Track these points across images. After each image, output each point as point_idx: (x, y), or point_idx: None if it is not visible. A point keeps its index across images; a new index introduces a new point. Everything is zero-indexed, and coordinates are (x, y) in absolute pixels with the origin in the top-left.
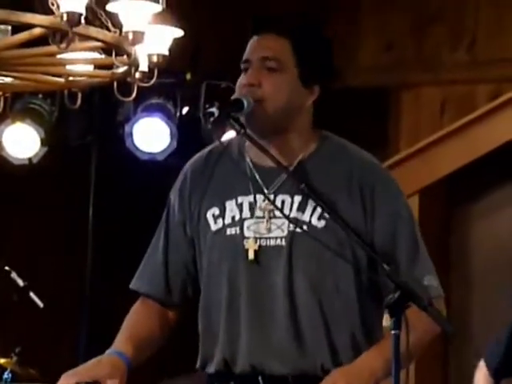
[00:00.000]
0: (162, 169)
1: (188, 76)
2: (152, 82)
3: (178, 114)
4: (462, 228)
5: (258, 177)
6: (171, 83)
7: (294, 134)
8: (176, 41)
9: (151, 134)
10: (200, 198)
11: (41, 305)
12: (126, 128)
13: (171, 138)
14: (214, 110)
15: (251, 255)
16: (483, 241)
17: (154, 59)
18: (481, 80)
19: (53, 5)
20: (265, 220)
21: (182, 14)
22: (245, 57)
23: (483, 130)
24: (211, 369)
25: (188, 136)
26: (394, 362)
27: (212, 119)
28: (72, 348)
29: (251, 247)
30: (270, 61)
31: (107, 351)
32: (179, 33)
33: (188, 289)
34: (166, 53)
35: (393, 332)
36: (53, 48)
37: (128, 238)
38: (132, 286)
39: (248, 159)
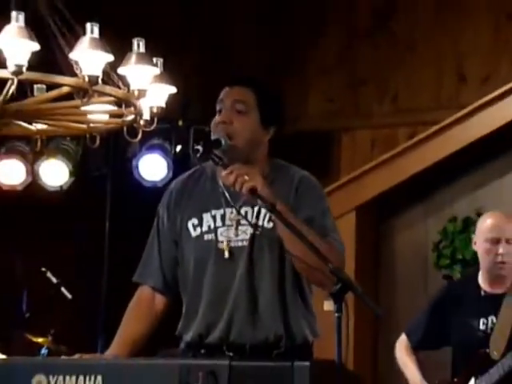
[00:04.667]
0: (161, 194)
1: (180, 122)
2: (153, 127)
3: (173, 151)
4: (389, 238)
5: (228, 195)
6: (167, 128)
7: (255, 162)
8: (170, 96)
9: (153, 167)
10: (182, 210)
11: (69, 296)
12: (133, 162)
13: (168, 170)
14: (199, 148)
15: (226, 254)
16: (405, 248)
17: (154, 110)
18: (401, 124)
19: (77, 69)
20: (233, 227)
21: (175, 75)
22: (220, 97)
23: (403, 162)
24: (187, 338)
25: (181, 168)
26: (336, 341)
27: (198, 155)
28: (92, 329)
29: (225, 249)
30: (240, 103)
31: (106, 353)
32: (173, 90)
33: (174, 277)
34: (163, 105)
35: (336, 315)
36: (77, 102)
37: (134, 246)
38: (135, 278)
39: (220, 181)
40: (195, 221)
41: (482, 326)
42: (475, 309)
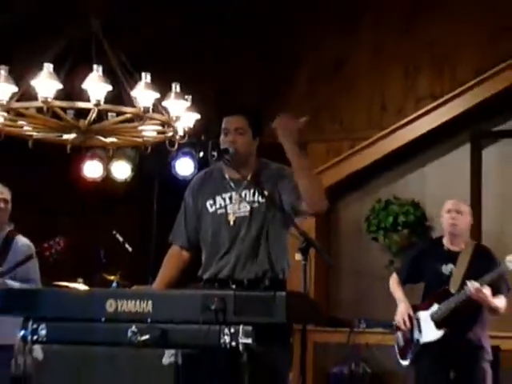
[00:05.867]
0: None
1: (202, 137)
2: (184, 140)
3: (197, 156)
4: (337, 214)
5: (232, 184)
6: (194, 141)
7: (249, 163)
8: (196, 120)
9: (184, 167)
10: (201, 195)
11: (130, 250)
12: (172, 163)
13: (194, 168)
14: (215, 154)
15: (231, 222)
16: (347, 220)
17: (186, 129)
18: (345, 139)
19: (135, 102)
20: (237, 204)
21: (199, 106)
22: (224, 126)
23: (346, 164)
24: (206, 276)
25: (203, 167)
26: (303, 279)
27: (214, 158)
28: (144, 270)
29: (231, 219)
30: (239, 129)
31: (153, 286)
32: (198, 116)
33: (195, 239)
34: (191, 126)
35: (303, 263)
36: (135, 124)
37: (172, 218)
38: (170, 239)
39: (226, 175)
40: (211, 201)
41: (443, 271)
42: (440, 258)
